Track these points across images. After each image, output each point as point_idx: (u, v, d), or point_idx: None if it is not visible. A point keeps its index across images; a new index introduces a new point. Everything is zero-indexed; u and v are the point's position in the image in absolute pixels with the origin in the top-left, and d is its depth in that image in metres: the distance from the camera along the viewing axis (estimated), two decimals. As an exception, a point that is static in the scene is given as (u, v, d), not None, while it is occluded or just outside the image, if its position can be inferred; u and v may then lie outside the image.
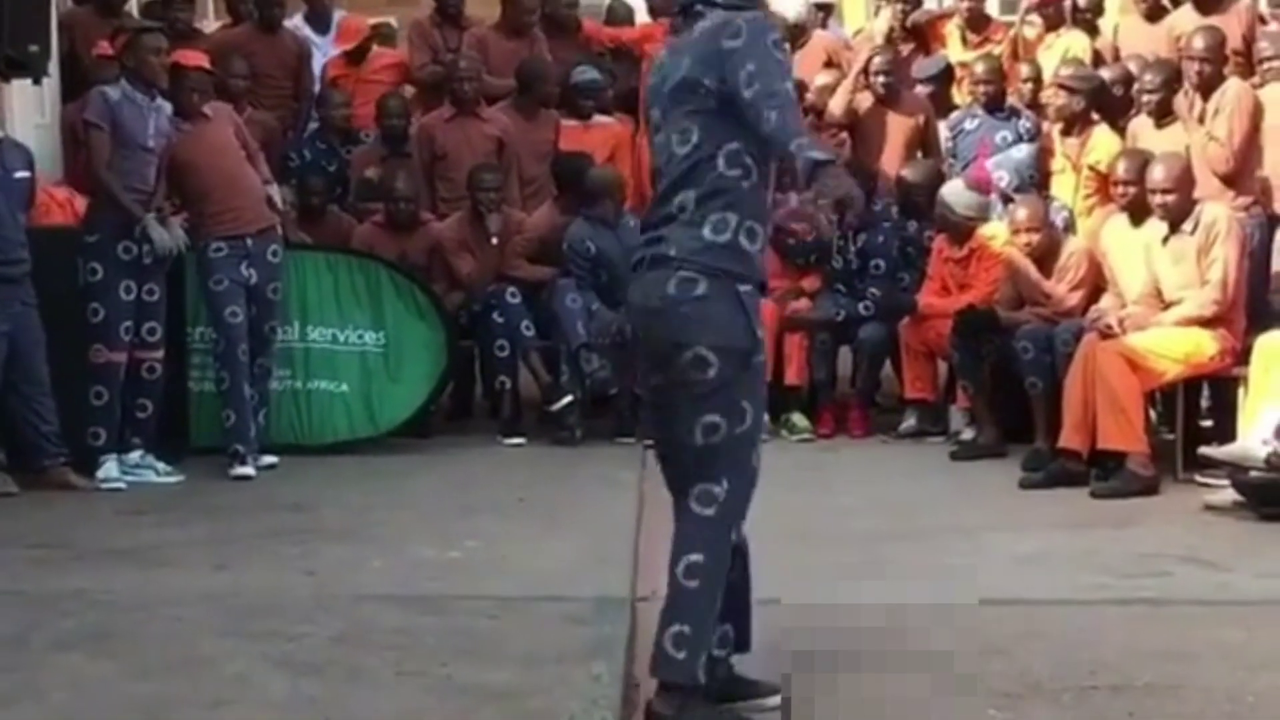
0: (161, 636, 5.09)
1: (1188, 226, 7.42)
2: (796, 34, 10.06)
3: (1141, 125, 8.49)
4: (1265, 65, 8.49)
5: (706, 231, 4.08)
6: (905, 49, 10.22)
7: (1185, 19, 9.27)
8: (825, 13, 11.40)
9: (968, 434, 8.27)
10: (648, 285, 4.14)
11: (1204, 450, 7.10)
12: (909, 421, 8.63)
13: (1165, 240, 7.50)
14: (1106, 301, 7.76)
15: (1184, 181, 7.47)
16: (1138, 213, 7.68)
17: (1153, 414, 7.85)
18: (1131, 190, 7.70)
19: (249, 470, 7.73)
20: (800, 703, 4.36)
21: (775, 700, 4.38)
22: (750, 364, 4.12)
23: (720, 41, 4.07)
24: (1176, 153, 7.74)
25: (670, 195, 4.16)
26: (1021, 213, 8.18)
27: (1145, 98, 8.41)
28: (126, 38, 7.69)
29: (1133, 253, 7.69)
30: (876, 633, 5.02)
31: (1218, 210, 7.49)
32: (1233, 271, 7.38)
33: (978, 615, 5.33)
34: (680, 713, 4.10)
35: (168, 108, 7.70)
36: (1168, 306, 7.49)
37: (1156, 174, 7.49)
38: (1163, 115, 8.30)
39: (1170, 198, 7.42)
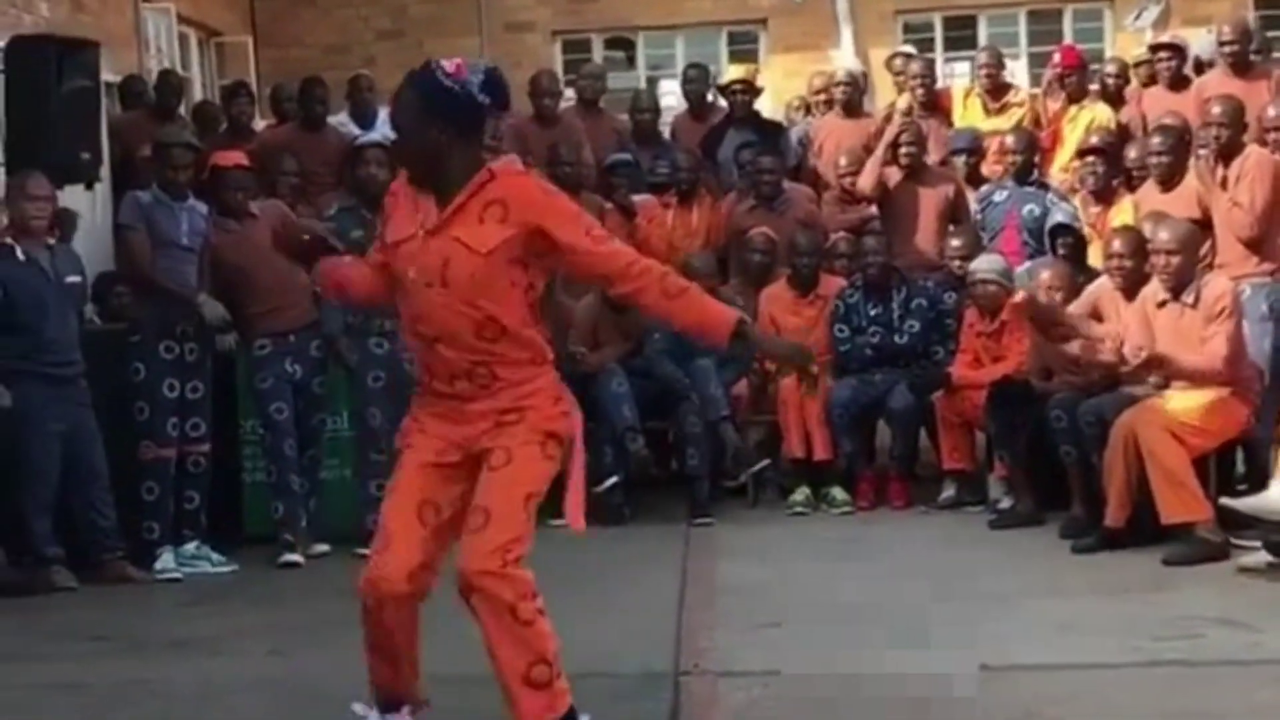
0: (221, 724, 5.23)
1: (1188, 297, 7.36)
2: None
3: (1147, 190, 8.53)
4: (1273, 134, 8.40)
5: None
6: (926, 124, 10.31)
7: (1214, 83, 9.39)
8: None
9: (1006, 503, 8.32)
10: None
11: (1225, 501, 7.09)
12: (948, 492, 8.66)
13: (1161, 304, 7.44)
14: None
15: (1188, 245, 7.42)
16: (1131, 289, 7.66)
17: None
18: (1127, 264, 7.67)
19: (297, 558, 7.90)
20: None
21: None
22: None
23: None
24: (1184, 219, 7.74)
25: None
26: (1045, 274, 8.29)
27: (1151, 160, 8.46)
28: (156, 147, 8.02)
29: (1130, 314, 7.64)
30: (910, 702, 5.15)
31: (1224, 285, 7.42)
32: (1234, 345, 7.29)
33: (1016, 680, 5.42)
34: None
35: (201, 207, 7.95)
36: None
37: (1162, 235, 7.44)
38: (1168, 179, 8.35)
39: (1175, 259, 7.35)
